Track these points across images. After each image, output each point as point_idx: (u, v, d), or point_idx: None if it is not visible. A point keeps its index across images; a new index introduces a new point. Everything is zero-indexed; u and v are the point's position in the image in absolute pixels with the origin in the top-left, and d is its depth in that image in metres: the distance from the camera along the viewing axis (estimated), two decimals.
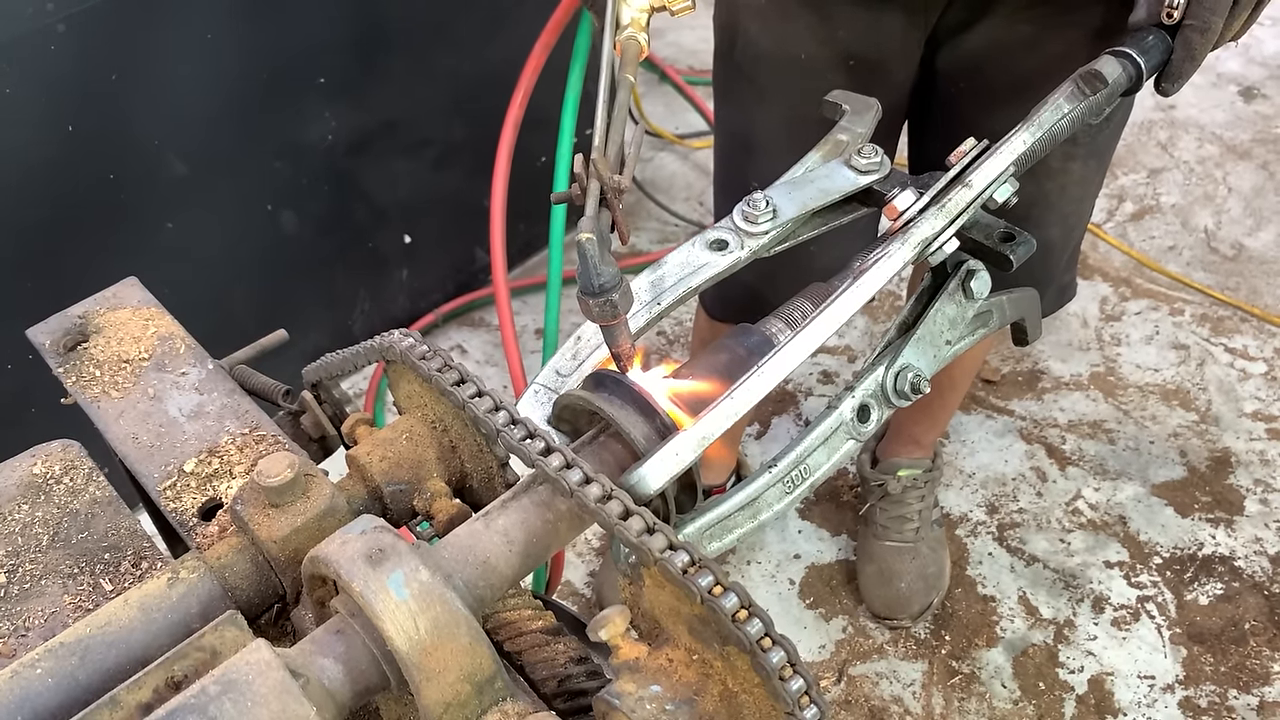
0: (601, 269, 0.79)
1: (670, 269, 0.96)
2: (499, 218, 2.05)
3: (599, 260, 0.79)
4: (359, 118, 2.42)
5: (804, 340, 0.84)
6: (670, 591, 0.70)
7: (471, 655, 0.67)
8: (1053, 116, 0.99)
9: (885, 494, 2.24)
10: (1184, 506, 2.37)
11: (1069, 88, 1.02)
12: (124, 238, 2.11)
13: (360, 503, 0.84)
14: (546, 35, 2.10)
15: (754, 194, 0.98)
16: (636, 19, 1.01)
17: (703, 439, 0.77)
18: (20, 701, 0.70)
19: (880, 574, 2.21)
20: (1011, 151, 0.96)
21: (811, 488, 0.88)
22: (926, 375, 0.93)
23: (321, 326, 2.57)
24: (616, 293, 0.80)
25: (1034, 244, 0.98)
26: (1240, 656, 2.12)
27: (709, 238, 0.97)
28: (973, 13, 1.46)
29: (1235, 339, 2.71)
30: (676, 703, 0.68)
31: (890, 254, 0.90)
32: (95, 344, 1.05)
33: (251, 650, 0.63)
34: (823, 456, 0.89)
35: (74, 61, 1.93)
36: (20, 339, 1.07)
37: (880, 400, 0.92)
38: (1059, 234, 1.66)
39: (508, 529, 0.74)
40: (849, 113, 1.09)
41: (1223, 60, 3.54)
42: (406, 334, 0.85)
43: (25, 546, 0.90)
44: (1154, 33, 1.10)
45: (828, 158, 1.06)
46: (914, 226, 0.92)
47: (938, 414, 2.22)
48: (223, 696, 0.61)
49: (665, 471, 0.76)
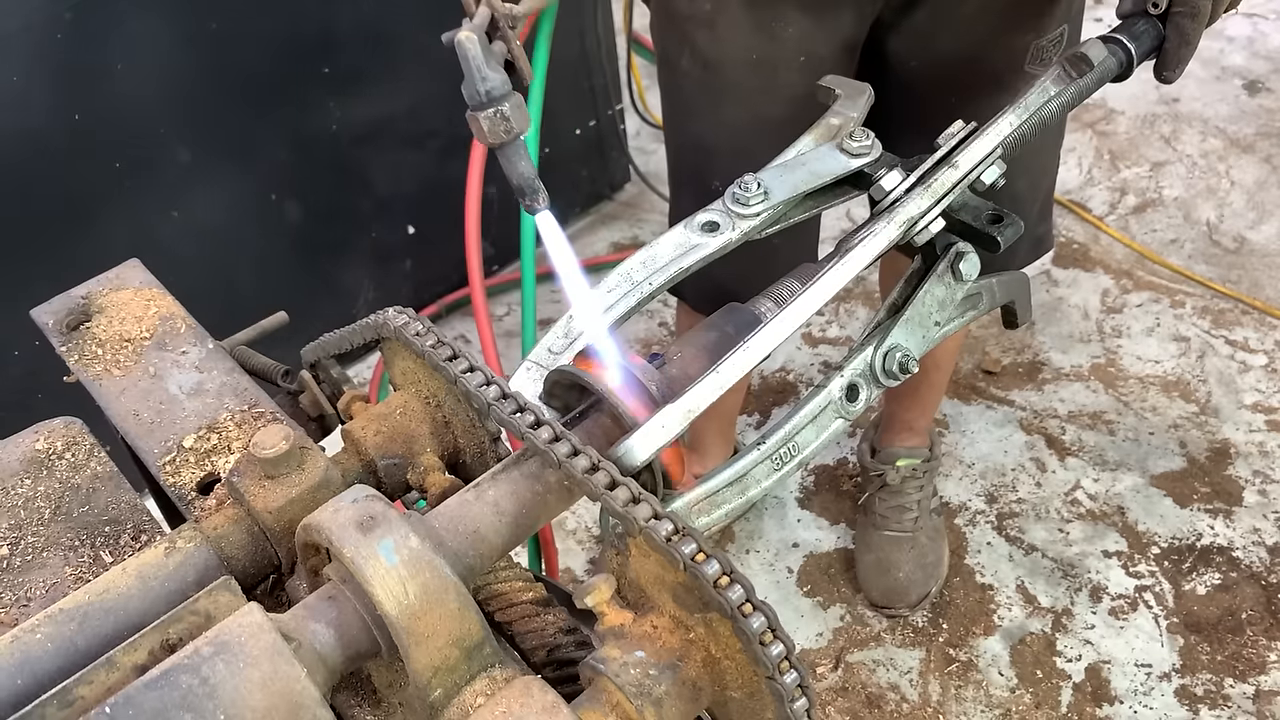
0: (487, 74, 0.71)
1: (662, 249, 0.97)
2: (473, 222, 2.06)
3: (483, 64, 0.72)
4: (363, 108, 2.43)
5: (789, 316, 0.85)
6: (655, 560, 0.71)
7: (460, 620, 0.69)
8: (1039, 99, 1.00)
9: (884, 484, 2.26)
10: (1183, 497, 2.38)
11: (1055, 70, 1.03)
12: (129, 225, 2.13)
13: (355, 476, 0.86)
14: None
15: (744, 177, 0.99)
16: None
17: (689, 411, 0.79)
18: (20, 665, 0.72)
19: (879, 563, 2.23)
20: (997, 133, 0.97)
21: (800, 465, 0.90)
22: (915, 355, 0.94)
23: (326, 316, 2.59)
24: (507, 103, 0.72)
25: (1022, 226, 0.99)
26: (1237, 646, 2.13)
27: (700, 220, 0.98)
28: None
29: (1236, 331, 2.72)
30: (660, 667, 0.70)
31: (876, 233, 0.92)
32: (98, 324, 1.06)
33: (244, 613, 0.65)
34: (811, 435, 0.90)
35: (81, 50, 1.95)
36: (27, 324, 1.09)
37: (869, 379, 0.93)
38: (1025, 185, 1.68)
39: (497, 499, 0.76)
40: (842, 97, 1.11)
41: (1227, 54, 3.54)
42: (401, 311, 0.87)
43: (28, 520, 0.91)
44: (1144, 19, 1.11)
45: (819, 141, 1.07)
46: (900, 206, 0.94)
47: (925, 396, 2.24)
48: (215, 657, 0.63)
49: (652, 443, 0.78)
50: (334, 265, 2.62)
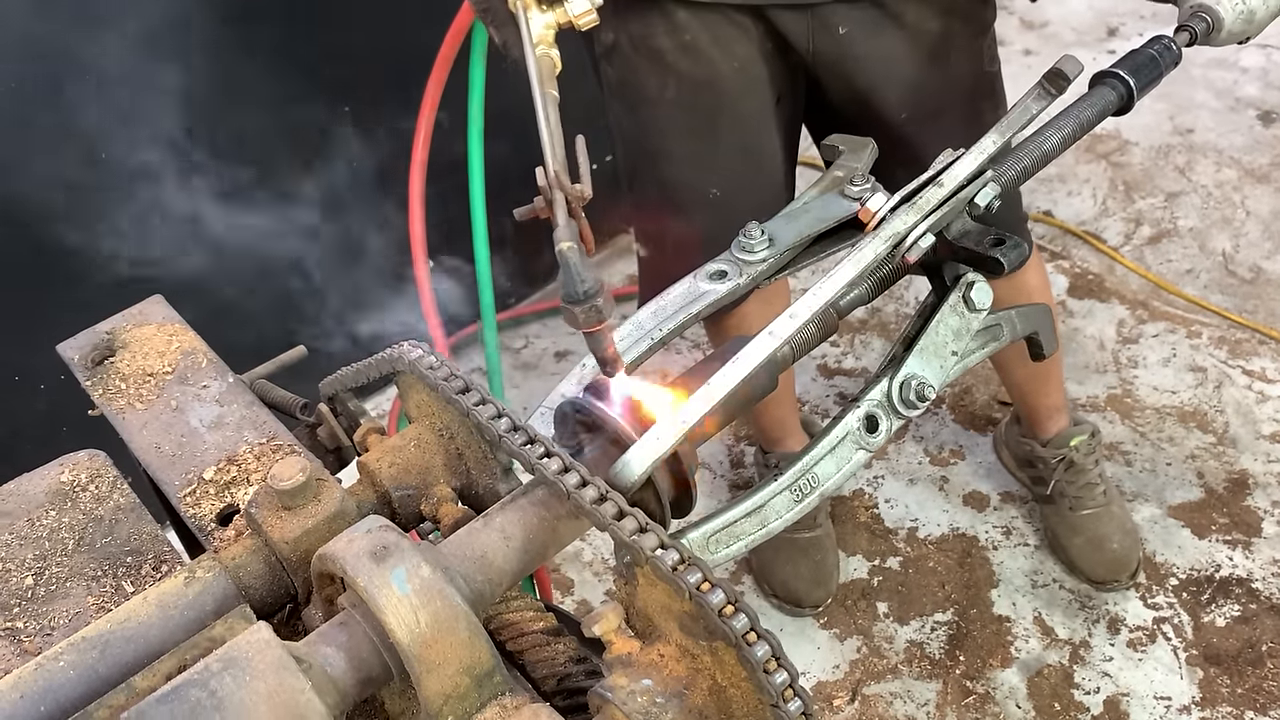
0: (584, 275, 0.81)
1: (672, 299, 1.00)
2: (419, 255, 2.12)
3: (580, 267, 0.81)
4: (382, 145, 2.48)
5: (777, 328, 0.87)
6: (662, 589, 0.73)
7: (470, 649, 0.71)
8: (1021, 117, 1.02)
9: (1071, 464, 2.30)
10: (1201, 528, 2.37)
11: (1035, 89, 1.05)
12: (152, 260, 2.17)
13: (370, 506, 0.88)
14: (438, 71, 2.12)
15: (749, 227, 1.02)
16: (544, 35, 1.04)
17: (683, 423, 0.81)
18: (44, 692, 0.74)
19: (1091, 542, 2.27)
20: (981, 150, 0.99)
21: (822, 497, 0.91)
22: (934, 384, 0.96)
23: (345, 349, 2.62)
24: (600, 298, 0.82)
25: (1025, 248, 1.01)
26: (1257, 678, 2.11)
27: (709, 269, 1.01)
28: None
29: (1253, 361, 2.71)
30: (666, 696, 0.71)
31: (862, 247, 0.94)
32: (121, 358, 1.09)
33: (252, 631, 0.67)
34: (831, 466, 0.92)
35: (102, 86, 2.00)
36: (53, 359, 1.11)
37: (888, 410, 0.94)
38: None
39: (507, 529, 0.77)
40: (845, 153, 1.13)
41: (1241, 85, 3.55)
42: (415, 345, 0.89)
43: (52, 550, 0.94)
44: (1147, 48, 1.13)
45: (824, 192, 1.09)
46: (885, 223, 0.96)
47: (1055, 378, 2.30)
48: (223, 672, 0.65)
49: (648, 455, 0.79)
50: (354, 298, 2.65)
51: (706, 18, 1.61)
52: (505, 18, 1.11)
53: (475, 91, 2.04)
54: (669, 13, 1.61)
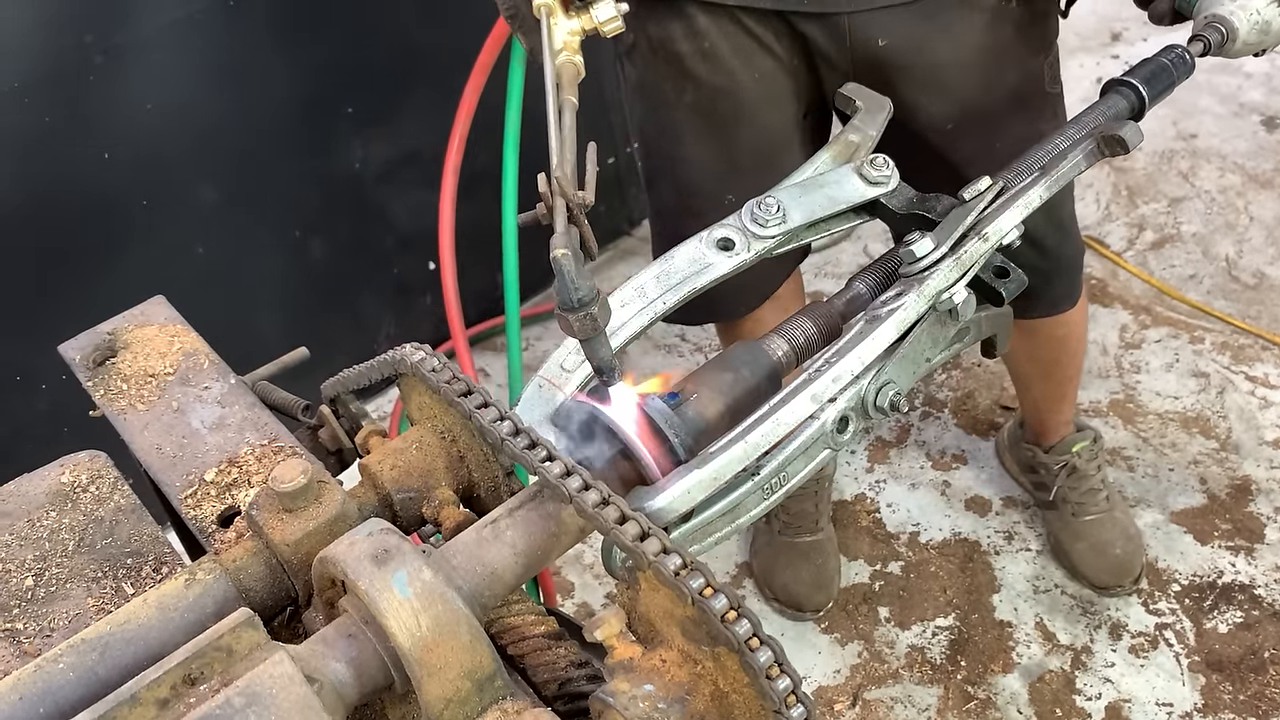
0: (579, 283, 0.81)
1: (678, 263, 0.99)
2: (449, 271, 2.12)
3: (575, 275, 0.81)
4: (385, 147, 2.48)
5: (817, 389, 0.87)
6: (664, 594, 0.72)
7: (472, 653, 0.70)
8: (1071, 173, 1.01)
9: (1074, 469, 2.29)
10: (1203, 534, 2.36)
11: (1089, 145, 1.03)
12: (154, 262, 2.17)
13: (371, 509, 0.88)
14: (475, 78, 2.11)
15: (765, 197, 1.01)
16: (569, 41, 1.04)
17: (715, 479, 0.80)
18: (43, 694, 0.74)
19: (1094, 548, 2.27)
20: (1027, 205, 0.98)
21: (787, 494, 0.91)
22: (904, 391, 0.96)
23: (347, 351, 2.62)
24: (595, 306, 0.81)
25: (1025, 280, 1.00)
26: (1260, 685, 2.11)
27: (716, 236, 1.00)
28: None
29: (1256, 367, 2.70)
30: (669, 701, 0.71)
31: (905, 305, 0.93)
32: (123, 359, 1.09)
33: (274, 664, 0.67)
34: (801, 464, 0.91)
35: (110, 91, 2.00)
36: (54, 360, 1.11)
37: (859, 413, 0.94)
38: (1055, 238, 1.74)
39: (509, 533, 0.77)
40: (861, 110, 1.11)
41: (1245, 90, 3.54)
42: (417, 348, 0.89)
43: (52, 551, 0.93)
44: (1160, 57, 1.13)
45: (837, 159, 1.08)
46: (929, 277, 0.95)
47: (1067, 392, 2.28)
48: (247, 709, 0.64)
49: (678, 507, 0.79)
50: (356, 300, 2.65)
51: (726, 27, 1.57)
52: (533, 25, 1.11)
53: (513, 97, 2.03)
54: (689, 17, 1.58)
